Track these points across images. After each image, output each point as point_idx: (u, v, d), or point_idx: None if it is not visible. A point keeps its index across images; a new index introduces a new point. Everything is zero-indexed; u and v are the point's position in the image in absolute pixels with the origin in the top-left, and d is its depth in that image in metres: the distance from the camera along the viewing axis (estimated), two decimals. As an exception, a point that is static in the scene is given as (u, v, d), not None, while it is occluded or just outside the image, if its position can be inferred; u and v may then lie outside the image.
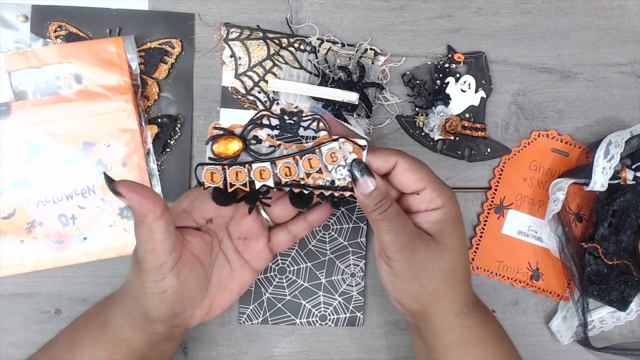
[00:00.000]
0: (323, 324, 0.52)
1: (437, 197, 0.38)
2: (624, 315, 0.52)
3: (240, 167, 0.37)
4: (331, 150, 0.37)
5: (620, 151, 0.48)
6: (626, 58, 0.54)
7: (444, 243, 0.39)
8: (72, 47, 0.49)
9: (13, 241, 0.49)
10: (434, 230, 0.39)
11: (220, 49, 0.52)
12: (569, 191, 0.51)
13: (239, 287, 0.44)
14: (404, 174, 0.38)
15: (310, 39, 0.52)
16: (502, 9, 0.54)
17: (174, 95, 0.52)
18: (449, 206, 0.39)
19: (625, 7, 0.54)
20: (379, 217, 0.38)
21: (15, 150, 0.49)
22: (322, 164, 0.38)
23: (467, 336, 0.41)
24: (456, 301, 0.40)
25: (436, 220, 0.39)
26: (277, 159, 0.38)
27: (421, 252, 0.38)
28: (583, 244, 0.51)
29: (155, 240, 0.35)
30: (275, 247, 0.45)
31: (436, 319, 0.40)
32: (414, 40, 0.53)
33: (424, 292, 0.39)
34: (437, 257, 0.38)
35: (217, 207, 0.40)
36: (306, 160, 0.37)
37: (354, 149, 0.38)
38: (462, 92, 0.53)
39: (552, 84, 0.54)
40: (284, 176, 0.37)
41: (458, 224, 0.40)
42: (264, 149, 0.38)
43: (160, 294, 0.37)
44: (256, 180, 0.37)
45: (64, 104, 0.49)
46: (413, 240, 0.38)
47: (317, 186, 0.38)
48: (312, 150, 0.38)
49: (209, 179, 0.37)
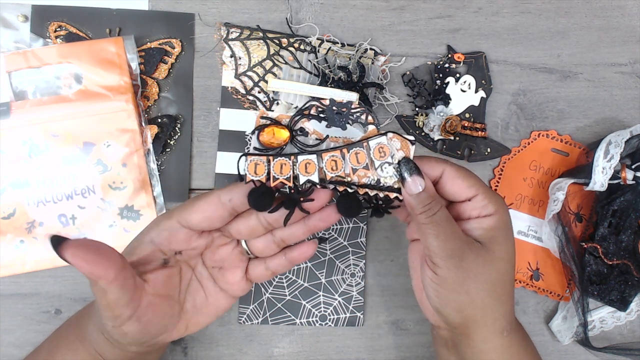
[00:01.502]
0: (323, 324, 0.52)
1: (489, 204, 0.36)
2: (624, 315, 0.52)
3: (285, 158, 0.35)
4: (379, 145, 0.35)
5: (620, 151, 0.48)
6: (626, 58, 0.54)
7: (494, 252, 0.36)
8: (72, 47, 0.49)
9: (13, 241, 0.49)
10: (485, 238, 0.37)
11: (220, 49, 0.52)
12: (569, 191, 0.51)
13: (215, 312, 0.41)
14: (454, 181, 0.37)
15: (310, 39, 0.52)
16: (502, 9, 0.54)
17: (174, 95, 0.52)
18: (501, 213, 0.37)
19: (625, 7, 0.54)
20: (426, 221, 0.35)
21: (15, 150, 0.48)
22: (369, 159, 0.36)
23: (507, 356, 0.38)
24: (501, 317, 0.37)
25: (488, 228, 0.37)
26: (324, 151, 0.35)
27: (470, 259, 0.35)
28: (583, 244, 0.51)
29: (109, 298, 0.33)
30: (253, 279, 0.42)
31: (478, 336, 0.37)
32: (414, 40, 0.53)
33: (471, 303, 0.36)
34: (487, 266, 0.36)
35: (188, 239, 0.37)
36: (353, 154, 0.35)
37: (402, 146, 0.36)
38: (462, 92, 0.53)
39: (552, 84, 0.54)
40: (330, 170, 0.35)
41: (509, 233, 0.38)
42: (310, 142, 0.36)
43: (123, 334, 0.35)
44: (301, 175, 0.35)
45: (64, 104, 0.49)
46: (462, 247, 0.35)
47: (363, 184, 0.36)
48: (360, 144, 0.36)
49: (252, 171, 0.35)
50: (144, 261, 0.37)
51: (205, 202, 0.36)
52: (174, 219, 0.36)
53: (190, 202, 0.37)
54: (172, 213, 0.37)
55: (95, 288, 0.33)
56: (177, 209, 0.37)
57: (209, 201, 0.36)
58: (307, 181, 0.35)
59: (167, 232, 0.37)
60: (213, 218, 0.36)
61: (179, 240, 0.37)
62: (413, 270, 0.42)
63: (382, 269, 0.53)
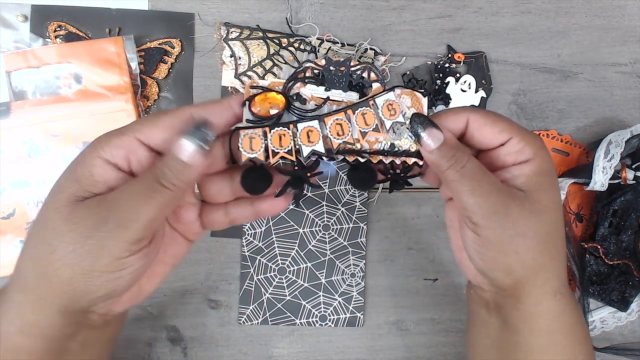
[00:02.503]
0: (323, 324, 0.52)
1: (527, 147, 0.32)
2: (624, 315, 0.52)
3: (284, 128, 0.31)
4: (388, 102, 0.32)
5: (620, 151, 0.48)
6: (626, 58, 0.54)
7: (541, 202, 0.32)
8: (72, 47, 0.49)
9: (13, 241, 0.49)
10: (528, 186, 0.32)
11: (220, 48, 0.52)
12: (569, 191, 0.51)
13: (172, 259, 0.35)
14: (482, 129, 0.32)
15: (310, 38, 0.52)
16: (502, 9, 0.54)
17: (173, 95, 0.52)
18: (542, 156, 0.32)
19: (625, 7, 0.54)
20: (457, 176, 0.31)
21: (15, 150, 0.48)
22: (379, 120, 0.32)
23: (559, 324, 0.34)
24: (554, 277, 0.33)
25: (530, 174, 0.32)
26: (327, 115, 0.31)
27: (515, 213, 0.31)
28: (583, 244, 0.51)
29: (168, 209, 0.29)
30: (207, 225, 0.36)
31: (529, 298, 0.33)
32: (414, 40, 0.53)
33: (521, 263, 0.32)
34: (535, 219, 0.31)
35: (150, 161, 0.30)
36: (360, 115, 0.31)
37: (413, 102, 0.32)
38: (462, 92, 0.53)
39: (552, 84, 0.54)
40: (336, 136, 0.31)
41: (554, 180, 0.33)
42: (310, 108, 0.32)
43: (118, 272, 0.29)
44: (303, 146, 0.30)
45: (63, 104, 0.49)
46: (505, 201, 0.31)
47: (375, 151, 0.32)
48: (366, 103, 0.32)
49: (248, 147, 0.30)
50: (103, 187, 0.29)
51: (173, 117, 0.30)
52: (129, 135, 0.29)
53: (152, 116, 0.30)
54: (126, 128, 0.30)
55: (174, 192, 0.28)
56: (131, 124, 0.30)
57: (179, 117, 0.30)
58: (311, 152, 0.31)
59: (124, 150, 0.29)
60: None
61: (140, 161, 0.30)
62: (451, 230, 0.37)
63: (382, 269, 0.53)
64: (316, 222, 0.52)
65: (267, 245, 0.51)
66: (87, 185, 0.29)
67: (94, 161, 0.29)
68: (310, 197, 0.52)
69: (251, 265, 0.51)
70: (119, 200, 0.28)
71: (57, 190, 0.29)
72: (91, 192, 0.29)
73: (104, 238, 0.28)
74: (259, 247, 0.51)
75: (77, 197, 0.28)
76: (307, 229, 0.52)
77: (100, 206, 0.28)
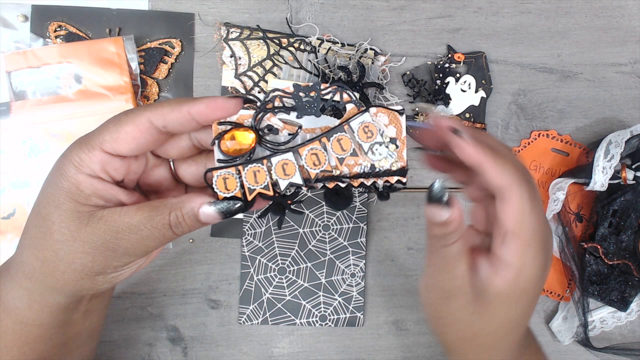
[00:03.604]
0: (323, 324, 0.52)
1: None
2: (624, 315, 0.52)
3: (257, 164, 0.30)
4: (363, 124, 0.30)
5: (620, 151, 0.48)
6: (626, 58, 0.54)
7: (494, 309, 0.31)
8: (72, 47, 0.49)
9: (13, 241, 0.49)
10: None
11: (220, 49, 0.52)
12: (569, 191, 0.51)
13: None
14: (515, 214, 0.29)
15: (310, 39, 0.52)
16: (502, 9, 0.54)
17: (173, 95, 0.52)
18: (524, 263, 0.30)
19: (626, 7, 0.54)
20: (431, 248, 0.31)
21: (15, 150, 0.48)
22: (356, 144, 0.31)
23: None
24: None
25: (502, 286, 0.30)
26: (300, 146, 0.30)
27: (454, 309, 0.32)
28: (583, 244, 0.51)
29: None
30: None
31: None
32: (414, 40, 0.53)
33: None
34: (475, 321, 0.31)
35: (127, 166, 0.31)
36: (335, 141, 0.30)
37: (391, 119, 0.31)
38: (462, 92, 0.53)
39: (552, 84, 0.54)
40: (312, 166, 0.30)
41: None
42: (283, 139, 0.31)
43: (121, 270, 0.31)
44: (280, 179, 0.30)
45: (63, 104, 0.49)
46: (451, 294, 0.31)
47: (355, 175, 0.31)
48: (340, 128, 0.30)
49: (223, 188, 0.30)
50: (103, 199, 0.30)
51: (134, 127, 0.29)
52: (97, 148, 0.29)
53: (114, 126, 0.30)
54: (92, 139, 0.30)
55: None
56: (96, 132, 0.30)
57: (139, 126, 0.29)
58: (289, 184, 0.30)
59: (98, 164, 0.30)
60: (146, 145, 0.30)
61: (116, 169, 0.30)
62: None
63: (382, 269, 0.53)
64: (316, 222, 0.52)
65: (267, 245, 0.51)
66: (82, 200, 0.30)
67: (78, 177, 0.29)
68: (310, 197, 0.52)
69: (251, 265, 0.51)
70: (130, 239, 0.30)
71: (54, 204, 0.30)
72: (89, 205, 0.30)
73: (110, 258, 0.30)
74: (259, 247, 0.51)
75: (79, 213, 0.30)
76: (307, 229, 0.52)
77: (108, 233, 0.29)
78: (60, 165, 0.30)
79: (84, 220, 0.29)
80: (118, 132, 0.29)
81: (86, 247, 0.29)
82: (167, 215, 0.30)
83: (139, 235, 0.29)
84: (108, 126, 0.30)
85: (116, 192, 0.31)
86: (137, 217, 0.29)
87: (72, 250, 0.30)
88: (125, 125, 0.29)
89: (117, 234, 0.29)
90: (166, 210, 0.30)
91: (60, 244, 0.30)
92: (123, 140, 0.29)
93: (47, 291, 0.32)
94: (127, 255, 0.30)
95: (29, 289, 0.32)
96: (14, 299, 0.32)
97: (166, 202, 0.30)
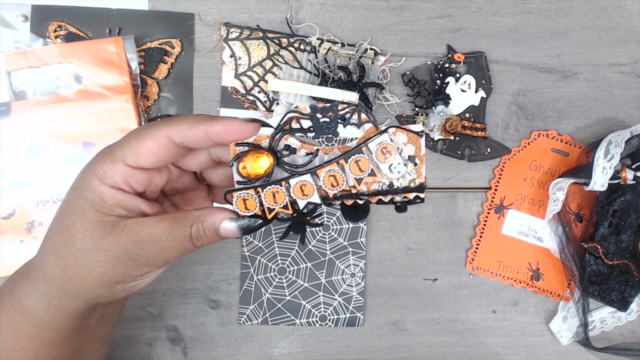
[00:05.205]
0: (323, 324, 0.52)
1: None
2: (624, 315, 0.52)
3: (276, 186, 0.31)
4: (382, 145, 0.30)
5: (620, 151, 0.48)
6: (626, 58, 0.54)
7: None
8: (72, 47, 0.49)
9: (13, 241, 0.49)
10: None
11: (220, 48, 0.52)
12: (569, 191, 0.51)
13: None
14: None
15: (310, 38, 0.52)
16: (502, 9, 0.54)
17: (174, 95, 0.52)
18: None
19: (626, 7, 0.54)
20: None
21: (15, 150, 0.48)
22: (374, 164, 0.31)
23: None
24: None
25: None
26: (318, 168, 0.31)
27: None
28: (583, 244, 0.51)
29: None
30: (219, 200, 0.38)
31: None
32: (414, 40, 0.53)
33: None
34: None
35: (149, 178, 0.33)
36: (353, 163, 0.31)
37: (409, 139, 0.31)
38: (462, 92, 0.53)
39: (552, 84, 0.54)
40: (330, 187, 0.31)
41: None
42: (300, 160, 0.32)
43: (140, 279, 0.33)
44: (298, 199, 0.31)
45: (63, 104, 0.49)
46: None
47: (373, 192, 0.31)
48: (358, 150, 0.31)
49: (243, 208, 0.31)
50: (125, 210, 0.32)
51: (153, 142, 0.31)
52: (120, 162, 0.31)
53: (135, 140, 0.31)
54: (115, 152, 0.31)
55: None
56: (118, 146, 0.31)
57: (158, 141, 0.31)
58: (307, 204, 0.31)
59: (121, 177, 0.31)
60: (165, 159, 0.32)
61: (138, 182, 0.32)
62: None
63: (382, 269, 0.53)
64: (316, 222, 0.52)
65: (267, 245, 0.51)
66: (105, 210, 0.31)
67: (101, 189, 0.31)
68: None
69: (251, 265, 0.51)
70: (151, 249, 0.31)
71: (79, 213, 0.31)
72: (112, 215, 0.31)
73: (130, 268, 0.31)
74: (259, 247, 0.51)
75: (103, 223, 0.31)
76: (307, 229, 0.52)
77: (130, 243, 0.31)
78: (84, 176, 0.31)
79: (107, 230, 0.31)
80: (139, 147, 0.31)
81: (108, 256, 0.31)
82: (189, 227, 0.31)
83: (160, 246, 0.31)
84: (129, 140, 0.31)
85: (138, 203, 0.32)
86: (159, 229, 0.31)
87: (94, 258, 0.31)
88: (146, 140, 0.31)
89: (139, 244, 0.31)
90: (188, 222, 0.31)
91: (82, 252, 0.31)
92: (144, 154, 0.31)
93: (65, 297, 0.33)
94: (147, 265, 0.32)
95: (48, 294, 0.33)
96: (32, 304, 0.33)
97: (188, 214, 0.31)
